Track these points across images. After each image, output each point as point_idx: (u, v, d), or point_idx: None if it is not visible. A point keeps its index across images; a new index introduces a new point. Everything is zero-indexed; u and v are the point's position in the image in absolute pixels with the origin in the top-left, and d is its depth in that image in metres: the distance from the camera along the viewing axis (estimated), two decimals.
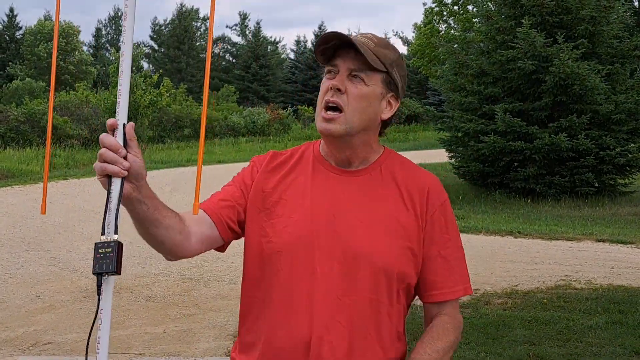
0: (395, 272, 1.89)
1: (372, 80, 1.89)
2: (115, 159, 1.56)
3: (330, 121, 1.87)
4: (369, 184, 1.94)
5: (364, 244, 1.87)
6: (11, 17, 62.21)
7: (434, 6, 36.93)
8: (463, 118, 17.46)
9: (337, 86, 1.86)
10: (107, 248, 1.55)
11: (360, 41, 1.87)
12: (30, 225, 12.72)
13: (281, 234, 1.89)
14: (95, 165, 1.58)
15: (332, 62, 1.90)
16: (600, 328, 6.30)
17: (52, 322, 6.82)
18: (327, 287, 1.85)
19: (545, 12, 16.85)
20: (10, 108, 34.71)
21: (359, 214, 1.90)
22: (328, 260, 1.86)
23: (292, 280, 1.87)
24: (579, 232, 11.94)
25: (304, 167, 1.99)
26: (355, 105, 1.87)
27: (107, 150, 1.56)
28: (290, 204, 1.92)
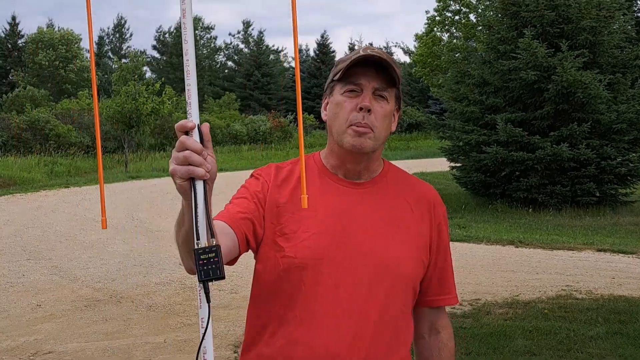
0: (413, 281, 1.96)
1: (390, 97, 1.93)
2: (201, 161, 1.48)
3: (362, 136, 1.87)
4: (379, 195, 1.97)
5: (385, 254, 1.89)
6: (13, 24, 62.30)
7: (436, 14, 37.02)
8: (465, 129, 17.47)
9: (369, 107, 1.87)
10: (210, 253, 1.49)
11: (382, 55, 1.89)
12: (32, 234, 12.73)
13: (300, 248, 1.87)
14: (178, 169, 1.48)
15: (356, 81, 1.90)
16: (601, 338, 6.29)
17: (53, 331, 6.82)
18: (351, 300, 1.86)
19: (545, 23, 16.87)
20: (12, 116, 34.78)
21: (374, 225, 1.91)
22: (350, 274, 1.87)
23: (315, 295, 1.86)
24: (580, 241, 11.93)
25: (311, 181, 1.98)
26: (381, 124, 1.90)
27: (192, 152, 1.47)
28: (304, 219, 1.90)
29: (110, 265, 10.00)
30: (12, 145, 31.83)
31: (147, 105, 26.72)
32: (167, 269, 9.68)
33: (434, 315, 2.09)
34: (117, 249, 11.38)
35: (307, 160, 2.03)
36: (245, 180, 2.05)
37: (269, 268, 1.90)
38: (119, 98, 26.55)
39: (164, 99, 28.32)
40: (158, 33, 72.14)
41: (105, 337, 6.64)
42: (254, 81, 61.96)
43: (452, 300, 2.10)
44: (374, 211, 1.93)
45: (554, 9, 16.74)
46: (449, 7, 36.40)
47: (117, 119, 26.68)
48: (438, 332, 2.09)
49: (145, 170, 27.68)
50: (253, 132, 41.12)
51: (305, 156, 2.01)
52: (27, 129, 32.86)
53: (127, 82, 27.18)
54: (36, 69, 53.69)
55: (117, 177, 24.91)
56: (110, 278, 9.21)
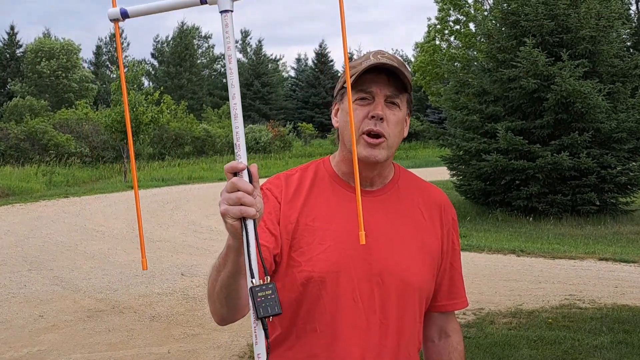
0: (427, 290, 1.95)
1: (402, 103, 1.91)
2: (252, 202, 1.51)
3: (375, 147, 1.85)
4: (391, 203, 1.95)
5: (399, 265, 1.88)
6: (11, 34, 62.37)
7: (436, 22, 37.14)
8: (465, 137, 17.48)
9: (381, 115, 1.84)
10: (267, 290, 1.50)
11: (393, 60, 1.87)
12: (32, 244, 12.71)
13: (316, 262, 1.85)
14: (230, 210, 1.50)
15: (367, 89, 1.87)
16: (605, 348, 6.28)
17: (56, 342, 6.80)
18: (368, 311, 1.85)
19: (545, 32, 16.92)
20: (11, 126, 34.78)
21: (387, 234, 1.90)
22: (367, 284, 1.86)
23: (335, 307, 1.85)
24: (582, 250, 11.92)
25: (323, 190, 1.95)
26: (394, 131, 1.88)
27: (245, 194, 1.50)
28: (318, 231, 1.89)
29: (112, 276, 9.98)
30: (11, 155, 31.83)
31: (147, 115, 26.72)
32: (169, 279, 9.66)
33: (444, 320, 2.09)
34: (119, 259, 11.36)
35: (317, 166, 2.01)
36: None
37: (287, 284, 1.88)
38: (119, 107, 26.53)
39: (163, 108, 28.32)
40: (156, 42, 72.27)
41: (109, 347, 6.61)
42: (253, 91, 62.02)
43: (461, 304, 2.10)
44: (387, 220, 1.92)
45: (553, 18, 16.79)
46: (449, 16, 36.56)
47: (115, 128, 26.65)
48: (448, 335, 2.09)
49: (144, 179, 27.65)
50: (253, 141, 41.13)
51: (315, 162, 2.03)
52: (25, 139, 32.86)
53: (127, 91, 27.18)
54: (35, 78, 53.70)
55: (116, 187, 24.88)
56: (112, 288, 9.19)
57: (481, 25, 19.76)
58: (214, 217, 16.11)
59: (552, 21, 16.75)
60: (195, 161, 36.29)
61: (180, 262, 10.88)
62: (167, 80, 63.18)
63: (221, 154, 39.29)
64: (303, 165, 2.04)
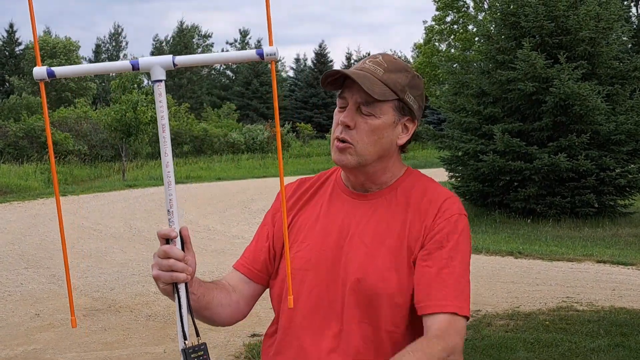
0: (397, 297, 1.81)
1: (383, 110, 1.84)
2: (184, 268, 1.63)
3: (342, 151, 1.85)
4: (379, 207, 1.90)
5: (368, 271, 1.82)
6: (11, 32, 62.38)
7: (434, 24, 37.13)
8: (463, 138, 17.48)
9: (346, 123, 1.84)
10: (199, 351, 1.62)
11: (367, 70, 1.83)
12: (29, 242, 12.69)
13: (293, 258, 1.89)
14: (162, 275, 1.64)
15: (342, 94, 1.87)
16: (602, 351, 6.26)
17: (51, 341, 6.78)
18: (331, 313, 1.84)
19: (545, 34, 16.92)
20: (9, 124, 34.75)
21: (368, 240, 1.86)
22: (332, 286, 1.85)
23: (297, 306, 1.85)
24: (580, 253, 11.92)
25: (324, 193, 2.00)
26: (367, 139, 1.84)
27: (176, 261, 1.62)
28: (304, 229, 1.94)
29: (109, 275, 9.96)
30: (9, 153, 31.80)
31: (147, 114, 26.71)
32: None
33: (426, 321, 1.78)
34: (115, 258, 11.34)
35: (333, 172, 2.05)
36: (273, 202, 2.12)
37: (277, 282, 1.97)
38: (119, 106, 26.51)
39: None
40: (155, 41, 72.28)
41: (105, 346, 6.59)
42: (252, 90, 61.97)
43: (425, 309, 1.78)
44: (373, 226, 1.88)
45: (553, 19, 16.79)
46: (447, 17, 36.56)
47: (115, 127, 26.64)
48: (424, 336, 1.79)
49: (143, 178, 27.62)
50: (251, 141, 41.12)
51: (333, 169, 2.06)
52: (23, 137, 32.83)
53: (126, 90, 27.13)
54: None
55: (114, 186, 24.87)
56: (108, 287, 9.17)
57: (480, 26, 19.76)
58: (212, 217, 16.12)
59: (552, 22, 16.76)
60: (194, 160, 36.27)
61: None
62: (168, 79, 62.78)
63: (219, 153, 39.27)
64: (328, 170, 2.09)
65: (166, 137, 1.53)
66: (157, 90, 1.50)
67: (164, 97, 1.51)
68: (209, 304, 1.84)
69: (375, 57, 1.90)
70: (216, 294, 1.87)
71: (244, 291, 1.95)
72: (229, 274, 2.00)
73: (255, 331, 6.80)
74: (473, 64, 19.96)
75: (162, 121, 1.52)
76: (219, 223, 15.38)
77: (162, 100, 1.51)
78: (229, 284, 1.95)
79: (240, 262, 2.00)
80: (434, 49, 36.44)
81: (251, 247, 2.01)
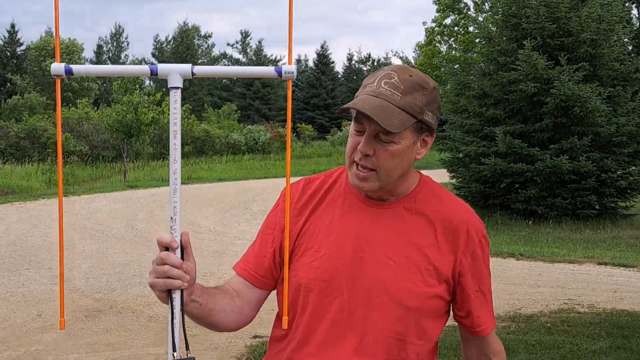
0: (425, 311, 1.84)
1: (402, 135, 1.78)
2: (180, 275, 1.62)
3: (363, 180, 1.80)
4: (400, 218, 1.86)
5: (391, 282, 1.81)
6: (12, 33, 62.41)
7: (434, 25, 37.11)
8: (464, 140, 17.49)
9: (366, 153, 1.77)
10: None
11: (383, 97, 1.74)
12: (31, 243, 12.68)
13: (308, 269, 1.83)
14: (156, 282, 1.62)
15: (359, 120, 1.78)
16: (604, 353, 6.27)
17: (53, 342, 6.78)
18: (352, 325, 1.81)
19: (546, 35, 16.93)
20: (11, 124, 34.77)
21: (387, 250, 1.82)
22: (354, 298, 1.81)
23: (316, 317, 1.83)
24: (581, 254, 11.93)
25: (334, 197, 1.92)
26: (389, 164, 1.79)
27: (172, 267, 1.60)
28: (317, 237, 1.86)
29: (111, 275, 9.97)
30: (10, 154, 31.82)
31: (148, 115, 26.70)
32: None
33: (479, 342, 2.00)
34: (117, 258, 11.35)
35: (341, 173, 1.97)
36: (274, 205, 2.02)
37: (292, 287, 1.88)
38: (120, 107, 26.52)
39: (164, 109, 28.30)
40: (156, 42, 72.34)
41: (107, 347, 6.60)
42: (253, 91, 61.98)
43: (484, 331, 1.97)
44: (392, 236, 1.84)
45: (554, 21, 16.80)
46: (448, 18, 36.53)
47: (117, 128, 26.64)
48: (489, 358, 2.02)
49: (144, 179, 27.63)
50: (252, 141, 41.13)
51: (341, 168, 1.98)
52: (25, 137, 32.85)
53: (128, 91, 27.14)
54: (39, 75, 53.74)
55: (115, 186, 24.86)
56: (110, 288, 9.18)
57: (481, 28, 19.76)
58: (213, 218, 16.13)
59: (553, 24, 16.76)
60: (195, 161, 36.28)
61: None
62: None
63: (221, 154, 39.29)
64: (332, 169, 2.01)
65: (177, 143, 1.52)
66: (172, 96, 1.50)
67: (179, 105, 1.51)
68: (212, 311, 1.81)
69: (390, 76, 1.79)
70: (219, 300, 1.84)
71: (248, 297, 1.92)
72: (231, 278, 1.95)
73: (257, 332, 6.80)
74: (474, 66, 19.98)
75: (174, 127, 1.51)
76: (220, 224, 15.38)
77: (177, 107, 1.51)
78: (232, 289, 1.91)
79: (243, 267, 1.95)
80: (434, 50, 36.41)
81: (254, 252, 1.95)
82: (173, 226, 1.59)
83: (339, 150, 41.42)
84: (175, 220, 1.58)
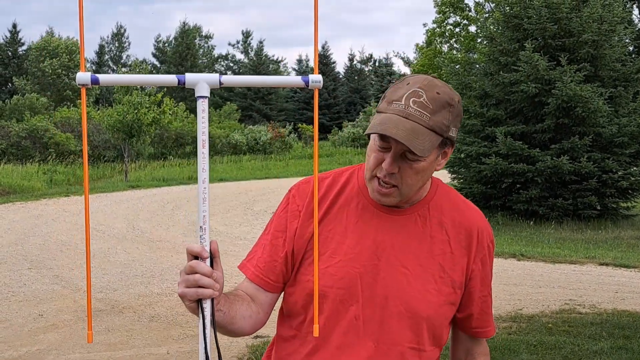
0: (438, 319, 1.86)
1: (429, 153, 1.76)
2: (211, 284, 1.57)
3: (385, 195, 1.80)
4: (415, 224, 1.86)
5: (407, 291, 1.81)
6: (14, 33, 62.48)
7: (435, 26, 37.09)
8: (466, 140, 17.49)
9: (391, 171, 1.75)
10: None
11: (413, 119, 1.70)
12: (33, 243, 12.69)
13: (323, 275, 1.80)
14: (186, 292, 1.58)
15: (385, 139, 1.74)
16: (605, 353, 6.27)
17: (55, 342, 6.79)
18: (367, 333, 1.81)
19: (547, 36, 16.93)
20: (12, 124, 34.78)
21: (403, 258, 1.83)
22: (370, 306, 1.81)
23: (330, 324, 1.82)
24: (582, 255, 11.92)
25: (347, 201, 1.88)
26: (412, 180, 1.78)
27: (203, 276, 1.56)
28: (331, 243, 1.84)
29: (112, 275, 9.97)
30: (12, 154, 31.82)
31: (149, 116, 26.71)
32: (169, 279, 9.65)
33: (471, 343, 2.03)
34: (119, 258, 11.35)
35: (352, 173, 1.94)
36: (279, 205, 1.98)
37: (297, 290, 1.88)
38: (121, 107, 26.53)
39: (165, 109, 28.30)
40: (157, 42, 72.33)
41: (108, 347, 6.60)
42: (254, 91, 62.01)
43: (488, 333, 2.02)
44: (406, 243, 1.84)
45: (556, 22, 16.80)
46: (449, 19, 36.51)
47: (117, 128, 26.64)
48: (474, 358, 2.04)
49: (145, 179, 27.65)
50: (253, 142, 41.12)
51: (353, 168, 1.96)
52: (26, 137, 32.85)
53: (129, 91, 27.15)
54: (39, 76, 53.77)
55: (117, 186, 24.88)
56: (112, 288, 9.18)
57: (483, 28, 19.76)
58: (214, 218, 16.11)
59: (555, 24, 16.76)
60: (196, 161, 36.13)
61: (180, 262, 10.87)
62: None
63: (222, 154, 39.28)
64: (341, 169, 1.98)
65: (205, 152, 1.49)
66: (200, 106, 1.47)
67: (207, 114, 1.48)
68: (234, 318, 1.79)
69: (418, 94, 1.73)
70: (239, 307, 1.81)
71: (262, 301, 1.90)
72: (242, 283, 1.93)
73: (258, 332, 6.80)
74: (476, 66, 19.98)
75: (202, 136, 1.48)
76: (221, 224, 15.38)
77: (205, 117, 1.48)
78: (246, 294, 1.89)
79: (255, 272, 1.91)
80: (435, 50, 36.39)
81: (265, 257, 1.90)
82: (202, 235, 1.55)
83: (340, 150, 41.42)
84: (205, 229, 1.55)
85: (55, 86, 53.94)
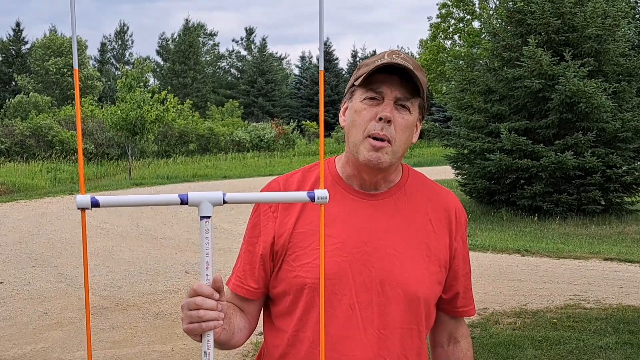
0: (431, 299, 1.87)
1: (414, 107, 1.81)
2: (216, 316, 1.50)
3: (379, 150, 1.77)
4: (396, 207, 1.86)
5: (401, 273, 1.80)
6: (17, 31, 62.53)
7: (439, 21, 37.05)
8: (469, 136, 17.46)
9: (389, 117, 1.75)
10: None
11: (405, 65, 1.75)
12: (37, 241, 12.71)
13: (311, 268, 1.77)
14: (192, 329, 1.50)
15: (378, 89, 1.77)
16: (610, 349, 6.26)
17: (59, 340, 6.80)
18: (366, 321, 1.79)
19: (551, 31, 16.87)
20: (16, 122, 34.81)
21: (390, 240, 1.82)
22: (365, 293, 1.79)
23: (330, 316, 1.78)
24: (587, 250, 11.89)
25: None
26: (401, 136, 1.79)
27: (208, 311, 1.48)
28: (315, 235, 1.80)
29: (116, 273, 9.98)
30: (16, 152, 31.86)
31: (152, 113, 26.71)
32: (173, 277, 9.66)
33: (454, 325, 2.03)
34: (123, 256, 11.36)
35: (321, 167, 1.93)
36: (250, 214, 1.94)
37: (284, 289, 1.84)
38: (124, 105, 26.53)
39: (168, 107, 28.31)
40: (161, 40, 72.36)
41: (113, 345, 6.61)
42: (257, 88, 61.99)
43: (471, 311, 2.03)
44: (390, 226, 1.83)
45: (559, 16, 16.74)
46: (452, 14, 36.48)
47: (121, 125, 26.65)
48: (457, 341, 2.04)
49: (149, 177, 27.68)
50: (257, 139, 41.13)
51: (317, 163, 1.93)
52: (30, 136, 32.90)
53: (132, 88, 27.14)
54: (42, 74, 53.82)
55: (120, 184, 24.91)
56: (116, 286, 9.19)
57: (486, 23, 19.72)
58: (218, 215, 16.10)
59: (558, 19, 16.70)
60: (200, 159, 36.28)
61: (184, 259, 10.89)
62: (173, 78, 63.19)
63: (225, 151, 39.31)
64: (307, 165, 1.97)
65: (209, 274, 1.43)
66: (203, 226, 1.41)
67: (210, 234, 1.42)
68: (234, 333, 1.79)
69: (397, 52, 1.81)
70: (234, 321, 1.81)
71: (249, 310, 1.90)
72: (228, 296, 1.89)
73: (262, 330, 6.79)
74: (479, 61, 19.93)
75: (206, 258, 1.40)
76: (225, 222, 15.38)
77: (208, 237, 1.41)
78: (235, 306, 1.88)
79: (236, 283, 1.90)
80: (439, 45, 36.36)
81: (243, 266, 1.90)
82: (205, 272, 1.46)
83: (344, 147, 41.28)
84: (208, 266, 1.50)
85: (59, 85, 53.98)
